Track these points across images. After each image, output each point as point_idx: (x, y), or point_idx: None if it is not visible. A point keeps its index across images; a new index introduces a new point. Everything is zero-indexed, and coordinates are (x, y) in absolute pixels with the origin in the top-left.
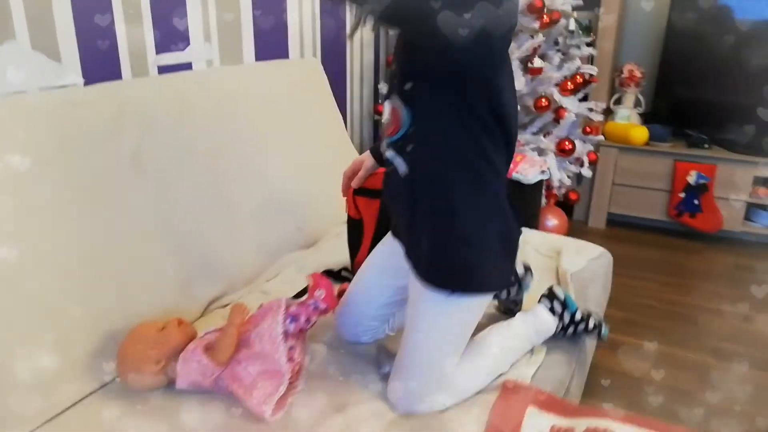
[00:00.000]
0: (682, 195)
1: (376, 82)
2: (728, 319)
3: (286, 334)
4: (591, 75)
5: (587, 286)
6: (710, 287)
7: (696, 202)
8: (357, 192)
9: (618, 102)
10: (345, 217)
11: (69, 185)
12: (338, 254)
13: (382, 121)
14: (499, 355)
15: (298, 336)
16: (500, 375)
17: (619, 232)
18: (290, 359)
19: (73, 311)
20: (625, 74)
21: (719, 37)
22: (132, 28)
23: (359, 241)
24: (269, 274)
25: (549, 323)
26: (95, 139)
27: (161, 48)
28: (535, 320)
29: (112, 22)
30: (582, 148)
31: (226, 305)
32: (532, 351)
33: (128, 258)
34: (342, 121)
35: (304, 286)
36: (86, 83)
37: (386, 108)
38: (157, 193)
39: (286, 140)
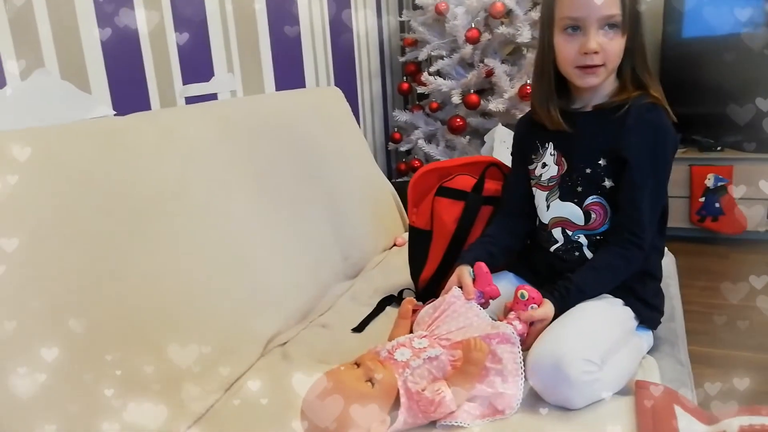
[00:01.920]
0: (702, 199)
1: (386, 112)
2: None
3: None
4: None
5: (668, 284)
6: (747, 288)
7: (717, 205)
8: (440, 193)
9: None
10: (386, 245)
11: (111, 214)
12: (389, 279)
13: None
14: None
15: None
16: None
17: None
18: None
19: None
20: None
21: (710, 50)
22: (159, 60)
23: (425, 255)
24: (323, 306)
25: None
26: (138, 166)
27: (187, 79)
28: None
29: (140, 53)
30: None
31: (285, 343)
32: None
33: (179, 293)
34: (369, 149)
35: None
36: (116, 116)
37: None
38: (205, 221)
39: (322, 168)
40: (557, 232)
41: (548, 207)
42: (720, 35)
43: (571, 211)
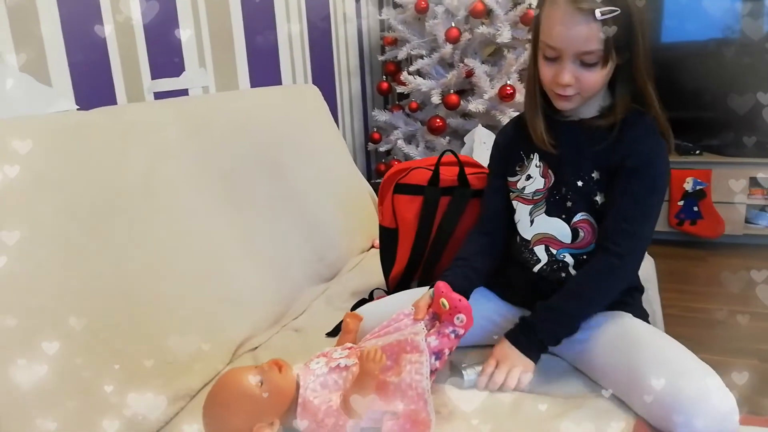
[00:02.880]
0: (681, 203)
1: (365, 112)
2: (760, 320)
3: (431, 373)
4: None
5: (648, 288)
6: (726, 292)
7: (696, 209)
8: (398, 190)
9: None
10: (363, 247)
11: (75, 211)
12: (365, 282)
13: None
14: None
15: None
16: None
17: None
18: None
19: (89, 351)
20: None
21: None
22: (126, 52)
23: (394, 253)
24: (296, 310)
25: None
26: (103, 163)
27: (156, 74)
28: None
29: (105, 44)
30: None
31: (256, 348)
32: None
33: (143, 296)
34: (347, 148)
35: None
36: (79, 110)
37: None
38: (172, 222)
39: (296, 168)
40: (540, 250)
41: (532, 222)
42: (698, 41)
43: (558, 227)
